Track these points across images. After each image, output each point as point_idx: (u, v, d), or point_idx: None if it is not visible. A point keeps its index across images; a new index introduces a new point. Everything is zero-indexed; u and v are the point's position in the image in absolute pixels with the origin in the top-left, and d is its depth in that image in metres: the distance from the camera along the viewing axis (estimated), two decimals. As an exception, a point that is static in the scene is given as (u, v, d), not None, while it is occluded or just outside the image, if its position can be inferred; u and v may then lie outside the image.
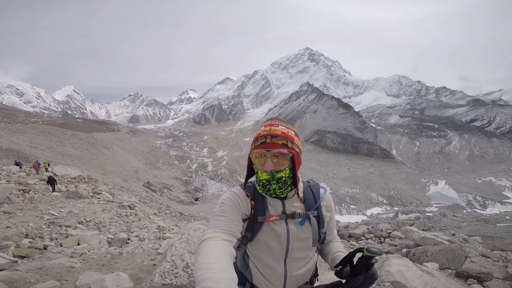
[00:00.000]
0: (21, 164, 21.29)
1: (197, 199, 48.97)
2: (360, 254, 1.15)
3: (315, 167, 71.55)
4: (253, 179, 1.38)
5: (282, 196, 1.29)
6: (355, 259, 1.20)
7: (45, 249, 4.53)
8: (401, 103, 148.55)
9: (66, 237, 5.37)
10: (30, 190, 10.78)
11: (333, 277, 1.34)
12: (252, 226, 1.28)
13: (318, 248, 1.40)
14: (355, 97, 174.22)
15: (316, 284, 1.45)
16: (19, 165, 20.52)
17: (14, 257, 3.98)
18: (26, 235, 5.36)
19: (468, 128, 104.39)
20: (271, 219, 1.27)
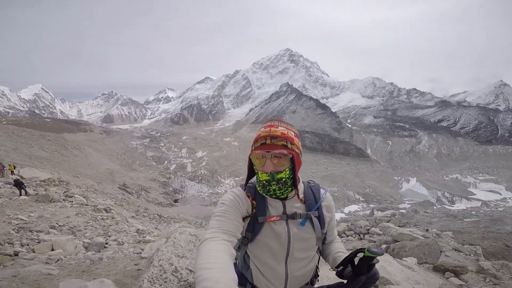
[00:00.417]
0: (-17, 167, 19.68)
1: (176, 201, 47.93)
2: (361, 254, 1.17)
3: (294, 166, 72.47)
4: (253, 179, 1.37)
5: (282, 196, 1.30)
6: (356, 260, 1.21)
7: (16, 255, 4.21)
8: (375, 104, 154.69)
9: (38, 243, 5.02)
10: (-6, 194, 9.99)
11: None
12: (252, 226, 1.28)
13: (319, 248, 1.41)
14: (332, 98, 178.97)
15: (317, 285, 1.46)
16: (-20, 168, 18.96)
17: (-19, 266, 3.66)
18: (-8, 241, 4.96)
19: (436, 128, 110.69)
20: (272, 219, 1.27)
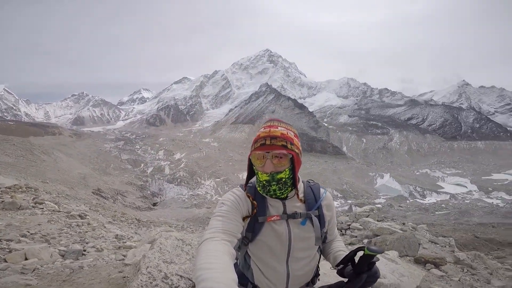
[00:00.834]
0: None
1: (155, 204, 46.53)
2: (361, 253, 1.18)
3: (274, 166, 73.15)
4: (253, 179, 1.38)
5: (282, 196, 1.30)
6: (357, 258, 1.22)
7: (-14, 266, 3.86)
8: (350, 104, 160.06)
9: (9, 252, 4.62)
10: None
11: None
12: (253, 226, 1.28)
13: (320, 247, 1.41)
14: (309, 98, 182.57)
15: (317, 283, 1.46)
16: None
17: None
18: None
19: (406, 125, 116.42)
20: (272, 219, 1.27)
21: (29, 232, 6.55)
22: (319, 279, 1.47)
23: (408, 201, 51.47)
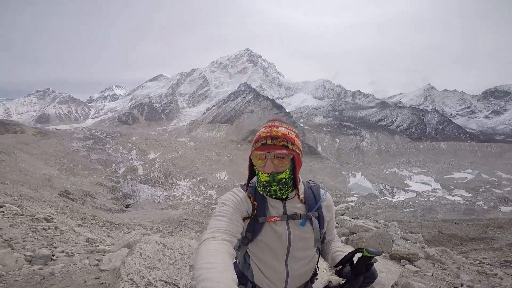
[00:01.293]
0: None
1: (128, 206, 44.68)
2: (359, 254, 1.20)
3: (251, 165, 73.38)
4: (254, 180, 1.38)
5: (282, 197, 1.31)
6: (355, 259, 1.24)
7: None
8: (325, 105, 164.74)
9: (-31, 259, 4.21)
10: None
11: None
12: (253, 227, 1.28)
13: (319, 248, 1.43)
14: (287, 98, 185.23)
15: (316, 283, 1.49)
16: None
17: None
18: None
19: (376, 127, 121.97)
20: (272, 219, 1.28)
21: (-12, 237, 6.03)
22: (317, 279, 1.49)
23: (378, 199, 53.65)
